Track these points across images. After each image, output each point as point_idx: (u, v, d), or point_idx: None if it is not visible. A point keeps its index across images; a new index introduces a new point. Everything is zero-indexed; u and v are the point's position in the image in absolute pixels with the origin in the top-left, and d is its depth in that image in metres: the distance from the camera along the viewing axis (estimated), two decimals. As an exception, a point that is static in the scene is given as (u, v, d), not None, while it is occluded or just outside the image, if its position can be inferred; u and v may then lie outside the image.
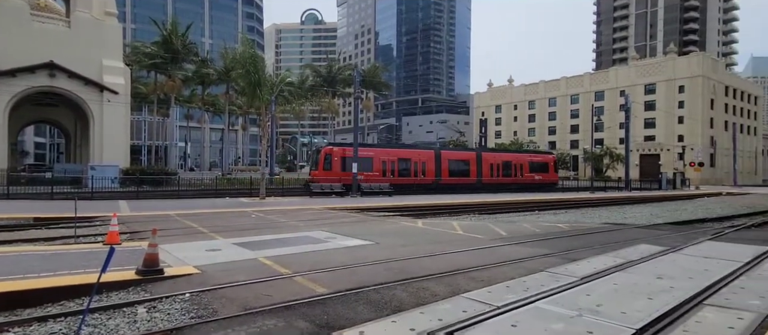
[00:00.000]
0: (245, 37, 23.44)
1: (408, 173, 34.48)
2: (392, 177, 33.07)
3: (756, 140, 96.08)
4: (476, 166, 38.85)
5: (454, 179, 36.66)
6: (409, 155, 36.11)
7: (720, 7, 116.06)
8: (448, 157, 37.88)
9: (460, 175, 37.59)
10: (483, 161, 39.30)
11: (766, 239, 12.53)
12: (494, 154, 43.69)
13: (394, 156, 34.66)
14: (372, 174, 32.01)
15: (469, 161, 39.04)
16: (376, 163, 32.80)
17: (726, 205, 29.33)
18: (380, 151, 35.07)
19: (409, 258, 8.70)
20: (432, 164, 36.07)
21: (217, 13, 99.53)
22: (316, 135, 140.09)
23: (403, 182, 33.07)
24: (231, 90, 50.01)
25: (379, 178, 32.17)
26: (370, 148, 35.79)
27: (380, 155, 33.67)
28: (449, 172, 36.84)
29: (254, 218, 15.29)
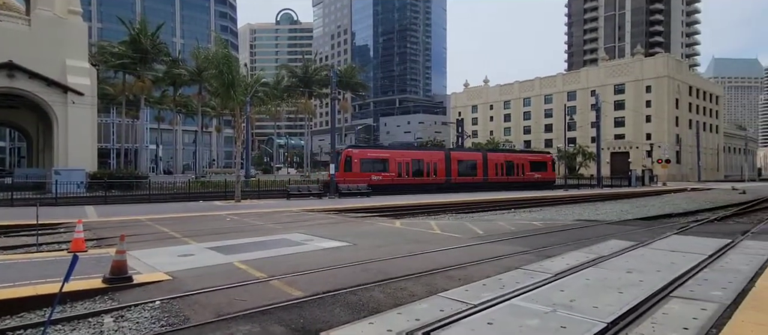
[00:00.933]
0: (218, 37, 23.00)
1: (421, 173, 36.15)
2: (407, 178, 34.76)
3: (717, 138, 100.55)
4: (482, 166, 40.70)
5: (462, 179, 38.37)
6: (422, 156, 37.75)
7: (683, 10, 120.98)
8: (457, 158, 39.52)
9: (468, 175, 39.26)
10: (489, 161, 41.26)
11: (727, 232, 13.09)
12: (499, 154, 45.45)
13: (409, 157, 36.24)
14: (388, 175, 33.80)
15: (476, 161, 40.89)
16: (392, 164, 34.58)
17: (690, 200, 30.55)
18: (395, 153, 36.64)
19: (387, 259, 8.68)
20: (443, 164, 37.69)
21: (189, 12, 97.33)
22: (292, 137, 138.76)
23: (417, 182, 34.86)
24: (204, 91, 48.90)
25: (395, 179, 33.95)
26: (385, 150, 38.31)
27: (395, 157, 35.31)
28: (458, 172, 38.50)
29: (229, 221, 14.98)
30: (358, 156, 33.31)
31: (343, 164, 32.11)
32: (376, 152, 36.41)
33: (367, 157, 33.82)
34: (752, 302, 5.43)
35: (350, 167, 32.29)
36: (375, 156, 35.06)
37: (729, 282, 6.58)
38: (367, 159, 33.45)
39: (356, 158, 32.96)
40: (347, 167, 32.17)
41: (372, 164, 33.95)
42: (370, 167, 33.42)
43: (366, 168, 32.72)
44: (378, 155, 35.18)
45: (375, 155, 35.25)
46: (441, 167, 37.49)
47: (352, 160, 32.66)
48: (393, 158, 35.14)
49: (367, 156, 33.94)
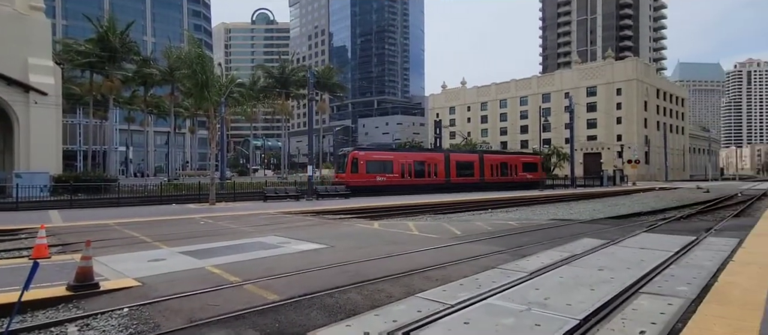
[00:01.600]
0: (191, 36, 22.36)
1: (422, 174, 37.62)
2: (409, 178, 36.13)
3: (683, 139, 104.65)
4: (479, 167, 42.36)
5: (460, 179, 39.86)
6: (423, 157, 39.55)
7: (650, 16, 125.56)
8: (455, 159, 41.16)
9: (466, 175, 40.78)
10: (485, 162, 43.02)
11: (692, 230, 13.60)
12: (494, 156, 47.49)
13: (411, 159, 37.88)
14: (392, 176, 35.25)
15: (474, 162, 42.54)
16: (396, 166, 35.99)
17: (659, 199, 31.67)
18: (399, 155, 38.50)
19: (365, 261, 8.64)
20: (442, 165, 39.26)
21: (161, 10, 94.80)
22: (269, 138, 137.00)
23: (418, 182, 36.11)
24: (177, 91, 47.63)
25: (399, 180, 35.27)
26: (390, 152, 40.07)
27: (399, 159, 36.89)
28: (457, 173, 40.04)
29: (203, 224, 14.62)
30: (364, 158, 34.46)
31: (350, 165, 33.21)
32: (381, 154, 37.88)
33: (373, 158, 35.24)
34: (715, 296, 5.65)
35: (357, 169, 33.35)
36: (380, 158, 36.42)
37: (694, 277, 6.82)
38: (373, 161, 34.91)
39: (362, 160, 33.99)
40: (354, 168, 33.24)
41: (377, 165, 35.24)
42: (376, 168, 34.83)
43: (371, 169, 34.11)
44: (383, 157, 36.70)
45: (380, 157, 36.56)
46: (441, 168, 38.89)
47: (359, 161, 33.70)
48: (396, 160, 36.53)
49: (373, 158, 35.42)
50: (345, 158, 34.57)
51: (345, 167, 33.79)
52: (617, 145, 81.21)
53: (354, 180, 32.42)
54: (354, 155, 34.17)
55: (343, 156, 35.43)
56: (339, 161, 36.83)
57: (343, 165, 34.62)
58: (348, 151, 36.55)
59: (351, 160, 33.55)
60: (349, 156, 34.08)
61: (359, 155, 34.60)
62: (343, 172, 33.82)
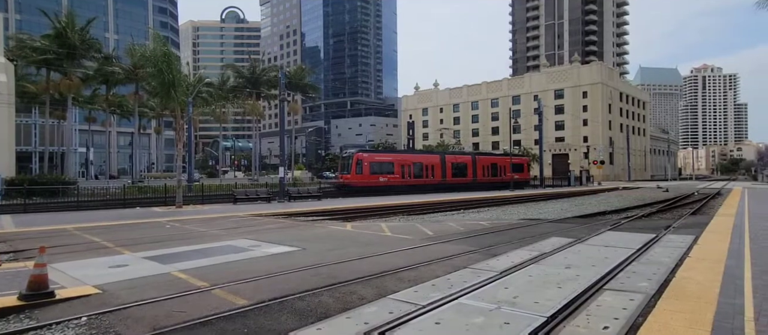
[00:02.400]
0: (157, 34, 21.53)
1: (421, 175, 39.47)
2: (409, 179, 37.96)
3: (645, 140, 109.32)
4: (472, 168, 44.53)
5: (455, 180, 41.90)
6: (421, 159, 41.60)
7: (613, 22, 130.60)
8: (451, 161, 43.15)
9: (460, 176, 42.89)
10: (477, 163, 45.29)
11: (653, 227, 14.20)
12: (485, 157, 49.59)
13: (410, 161, 39.83)
14: (394, 177, 36.92)
15: (467, 163, 44.60)
16: (397, 167, 37.76)
17: (622, 199, 32.93)
18: (399, 156, 40.73)
19: (337, 263, 8.57)
20: (439, 167, 41.14)
21: (124, 6, 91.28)
22: (240, 139, 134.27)
23: (417, 183, 37.91)
24: (142, 90, 45.85)
25: (400, 180, 37.03)
26: (391, 154, 42.68)
27: (399, 161, 38.85)
28: (452, 173, 42.07)
29: (169, 228, 14.13)
30: (368, 160, 36.13)
31: (355, 166, 34.62)
32: (383, 156, 40.22)
33: (375, 160, 37.28)
34: (673, 292, 5.90)
35: (361, 170, 34.85)
36: (382, 160, 38.43)
37: (653, 273, 7.11)
38: (375, 162, 36.87)
39: (366, 162, 35.62)
40: (359, 169, 34.74)
41: (379, 167, 36.99)
42: (378, 169, 36.59)
43: (374, 171, 35.83)
44: (384, 158, 38.98)
45: (382, 159, 38.65)
46: (437, 169, 40.76)
47: (363, 163, 35.23)
48: (397, 162, 38.42)
49: (375, 160, 37.42)
50: (349, 160, 35.49)
51: (349, 168, 34.87)
52: (584, 146, 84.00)
53: (358, 181, 33.93)
54: (358, 157, 35.42)
55: (348, 158, 36.40)
56: (343, 163, 37.91)
57: (347, 166, 35.63)
58: (352, 153, 37.53)
59: (355, 162, 34.75)
60: (354, 158, 35.19)
61: (363, 157, 36.08)
62: (348, 173, 34.92)
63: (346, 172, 35.33)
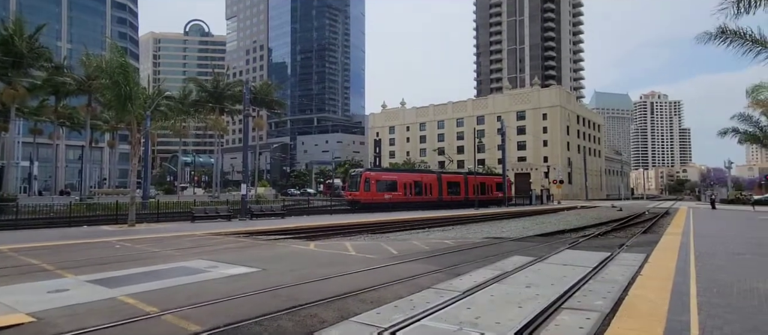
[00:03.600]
0: (114, 44, 20.63)
1: (421, 192, 41.80)
2: (411, 196, 40.28)
3: (600, 161, 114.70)
4: (464, 186, 47.65)
5: (450, 197, 44.53)
6: (421, 178, 44.15)
7: (570, 49, 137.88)
8: (446, 179, 45.88)
9: (454, 193, 45.70)
10: (468, 182, 48.31)
11: (608, 246, 14.75)
12: (475, 177, 51.69)
13: (411, 179, 42.34)
14: (397, 194, 39.34)
15: (460, 182, 47.84)
16: (400, 185, 40.27)
17: (580, 217, 34.16)
18: (401, 175, 43.43)
19: (299, 284, 8.31)
20: (436, 185, 43.42)
21: (79, 14, 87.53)
22: (201, 154, 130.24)
23: (417, 200, 40.16)
24: (95, 102, 43.56)
25: (403, 197, 39.49)
26: (395, 173, 45.53)
27: (402, 179, 41.52)
28: (447, 191, 44.74)
29: (118, 248, 13.30)
30: (375, 178, 38.79)
31: (363, 184, 37.03)
32: (388, 175, 42.90)
33: (382, 179, 39.86)
34: (626, 310, 6.08)
35: (369, 188, 37.28)
36: (387, 178, 41.07)
37: (608, 292, 7.33)
38: (382, 180, 39.43)
39: (373, 180, 38.18)
40: (367, 187, 37.12)
41: (385, 185, 39.33)
42: (384, 187, 38.93)
43: (380, 188, 38.25)
44: (389, 177, 41.68)
45: (387, 177, 41.21)
46: (435, 187, 43.20)
47: (371, 181, 37.80)
48: (400, 180, 40.96)
49: (382, 178, 40.09)
50: (357, 178, 38.17)
51: (357, 186, 37.26)
52: (544, 166, 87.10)
53: (366, 197, 36.24)
54: (366, 176, 38.17)
55: (356, 176, 39.05)
56: (351, 181, 40.33)
57: (355, 184, 38.01)
58: (360, 171, 40.23)
59: (364, 180, 37.36)
60: (362, 176, 37.97)
61: (371, 175, 38.94)
62: (356, 190, 37.32)
63: (355, 189, 37.51)
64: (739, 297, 6.92)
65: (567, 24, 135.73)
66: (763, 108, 24.83)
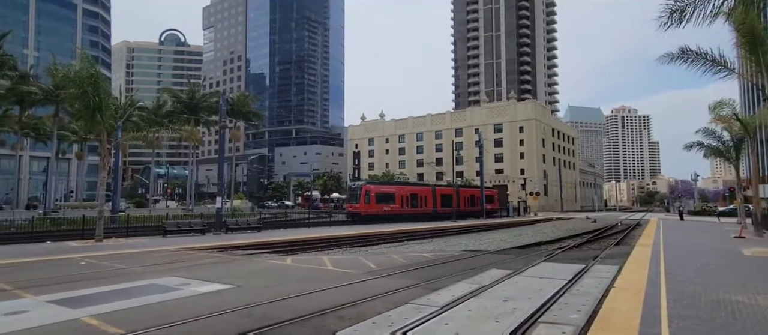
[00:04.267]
0: (84, 53, 19.98)
1: (417, 204, 42.90)
2: (408, 208, 41.31)
3: (575, 174, 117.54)
4: (456, 198, 48.44)
5: (444, 209, 45.32)
6: (417, 190, 45.45)
7: (545, 64, 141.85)
8: (440, 192, 47.08)
9: (447, 205, 46.29)
10: (460, 194, 49.47)
11: (582, 258, 15.02)
12: (465, 189, 54.47)
13: (408, 192, 43.40)
14: (395, 206, 40.35)
15: (452, 195, 48.61)
16: (398, 198, 41.20)
17: (556, 229, 34.76)
18: (399, 187, 44.27)
19: (274, 301, 8.10)
20: (430, 197, 44.51)
21: (48, 22, 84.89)
22: (175, 166, 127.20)
23: (414, 212, 41.24)
24: (63, 113, 41.95)
25: (400, 209, 40.42)
26: (392, 186, 45.94)
27: (399, 192, 42.39)
28: (441, 203, 45.62)
29: (84, 265, 12.70)
30: (374, 191, 39.74)
31: (364, 197, 38.21)
32: (387, 188, 43.57)
33: (381, 191, 40.78)
34: (600, 323, 6.16)
35: (369, 200, 38.35)
36: (386, 191, 41.86)
37: (583, 305, 7.42)
38: (381, 193, 40.31)
39: (373, 193, 39.21)
40: (367, 199, 38.24)
41: (384, 197, 40.25)
42: (383, 199, 39.87)
43: (380, 201, 39.19)
44: (388, 190, 42.38)
45: (386, 190, 42.07)
46: (430, 199, 44.28)
47: (371, 194, 38.88)
48: (398, 193, 41.90)
49: (381, 191, 40.93)
50: (358, 191, 39.35)
51: (358, 198, 38.48)
52: (521, 178, 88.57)
53: (366, 210, 37.36)
54: (367, 189, 39.30)
55: (356, 189, 40.34)
56: (351, 193, 41.90)
57: (356, 197, 39.27)
58: (360, 184, 41.41)
59: (364, 193, 38.51)
60: (363, 189, 39.12)
61: (371, 188, 39.93)
62: (356, 203, 38.51)
63: (356, 202, 38.69)
64: (707, 308, 7.11)
65: (541, 40, 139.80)
66: (724, 123, 25.99)
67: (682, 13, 10.09)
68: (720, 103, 24.55)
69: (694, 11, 9.92)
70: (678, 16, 10.08)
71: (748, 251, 15.52)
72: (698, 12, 9.86)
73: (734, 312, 6.87)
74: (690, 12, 9.97)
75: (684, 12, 10.07)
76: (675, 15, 10.16)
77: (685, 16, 10.04)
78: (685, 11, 10.06)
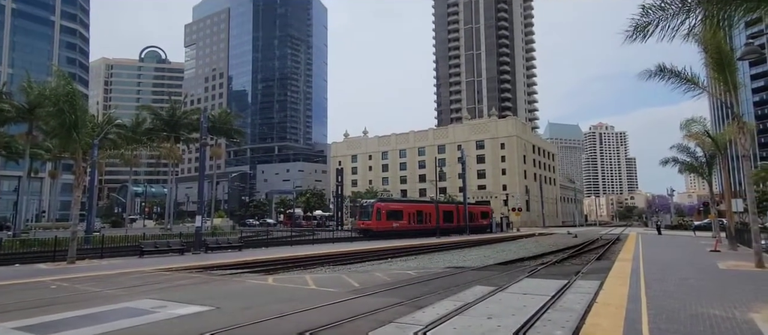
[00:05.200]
0: (59, 70, 19.49)
1: (421, 221, 45.13)
2: (414, 224, 43.66)
3: (555, 189, 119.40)
4: (456, 215, 51.24)
5: (446, 225, 47.71)
6: (422, 208, 47.81)
7: (524, 82, 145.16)
8: (442, 209, 49.13)
9: (449, 221, 49.13)
10: (459, 211, 52.03)
11: (565, 273, 15.13)
12: (464, 206, 55.83)
13: (414, 209, 45.88)
14: (403, 223, 42.59)
15: (453, 211, 51.63)
16: (405, 214, 43.58)
17: (538, 244, 35.05)
18: (406, 205, 47.40)
19: (254, 323, 7.87)
20: (434, 214, 46.16)
21: (23, 39, 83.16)
22: (154, 184, 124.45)
23: (420, 228, 43.46)
24: (37, 130, 40.63)
25: (407, 226, 42.78)
26: (400, 203, 49.73)
27: (407, 209, 45.09)
28: (444, 219, 47.82)
29: (54, 289, 12.16)
30: (385, 208, 42.16)
31: (375, 214, 40.42)
32: (395, 205, 46.27)
33: (391, 209, 43.22)
34: (585, 339, 6.16)
35: (380, 217, 40.49)
36: (395, 208, 44.26)
37: (566, 321, 7.43)
38: (390, 210, 42.60)
39: (384, 210, 41.56)
40: (378, 216, 40.43)
41: (393, 214, 42.47)
42: (393, 216, 42.07)
43: (389, 217, 41.36)
44: (397, 207, 44.91)
45: (395, 207, 44.55)
46: (433, 216, 46.04)
47: (382, 211, 41.16)
48: (405, 210, 44.38)
49: (391, 208, 43.32)
50: (370, 208, 41.34)
51: (370, 215, 40.48)
52: (503, 194, 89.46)
53: (377, 226, 39.44)
54: (378, 206, 41.57)
55: (368, 206, 42.34)
56: (362, 211, 43.72)
57: (367, 214, 41.17)
58: (372, 202, 43.65)
59: (376, 210, 40.66)
60: (375, 206, 41.34)
61: (382, 205, 42.30)
62: (368, 219, 40.43)
63: (368, 218, 40.66)
64: (686, 322, 7.19)
65: (521, 58, 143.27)
66: (697, 140, 26.83)
67: (645, 28, 11.04)
68: (691, 120, 25.38)
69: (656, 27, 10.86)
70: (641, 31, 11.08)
71: (723, 264, 15.89)
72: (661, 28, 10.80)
73: (713, 325, 6.97)
74: (652, 28, 10.91)
75: (647, 28, 11.01)
76: (638, 30, 11.12)
77: (647, 31, 11.01)
78: (648, 27, 10.99)
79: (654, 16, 10.87)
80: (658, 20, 10.86)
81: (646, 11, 10.97)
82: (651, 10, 10.89)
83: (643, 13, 11.05)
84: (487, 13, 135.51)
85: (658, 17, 10.85)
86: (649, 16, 10.92)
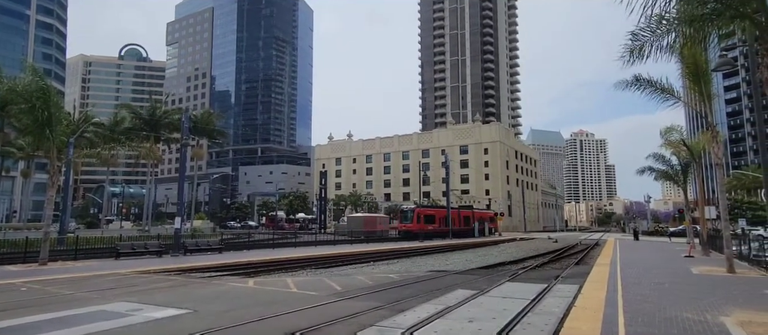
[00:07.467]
0: (32, 66, 18.86)
1: (446, 223, 49.50)
2: (442, 226, 48.98)
3: (537, 195, 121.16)
4: (471, 218, 57.35)
5: (463, 227, 53.95)
6: (444, 213, 51.59)
7: (508, 88, 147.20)
8: (462, 214, 56.33)
9: (465, 224, 55.23)
10: (474, 216, 58.59)
11: (545, 277, 15.33)
12: (478, 212, 62.75)
13: (443, 213, 51.09)
14: (435, 225, 48.83)
15: (469, 216, 57.97)
16: (436, 219, 49.95)
17: (520, 249, 35.44)
18: (437, 210, 53.68)
19: (232, 326, 7.72)
20: (456, 218, 52.51)
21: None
22: (132, 184, 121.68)
23: (445, 229, 48.07)
24: (8, 128, 39.23)
25: (437, 227, 48.60)
26: (433, 209, 56.37)
27: (438, 214, 51.33)
28: (459, 222, 53.94)
29: (25, 291, 11.73)
30: (423, 213, 49.34)
31: (415, 218, 47.43)
32: (430, 211, 52.92)
33: (427, 213, 50.28)
34: (564, 342, 6.23)
35: (420, 221, 47.22)
36: (430, 213, 51.08)
37: (545, 324, 7.52)
38: (426, 215, 49.63)
39: (422, 215, 48.62)
40: (418, 220, 47.18)
41: (428, 218, 49.13)
42: (428, 220, 48.61)
43: (426, 221, 48.19)
44: (431, 212, 51.80)
45: (430, 212, 51.39)
46: (456, 219, 52.35)
47: (421, 216, 48.18)
48: (437, 215, 50.62)
49: (427, 213, 50.49)
50: (410, 213, 48.78)
51: (411, 219, 47.66)
52: (486, 199, 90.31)
53: (417, 228, 45.78)
54: (418, 212, 48.80)
55: (408, 212, 49.68)
56: (403, 215, 50.49)
57: (408, 218, 48.29)
58: (412, 208, 51.24)
59: (416, 215, 47.93)
60: (415, 212, 48.65)
61: (421, 211, 49.73)
62: (410, 222, 47.47)
63: (409, 222, 47.69)
64: (661, 325, 7.35)
65: (505, 65, 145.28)
66: (674, 148, 27.61)
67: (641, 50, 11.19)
68: (670, 128, 26.15)
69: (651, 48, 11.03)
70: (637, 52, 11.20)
71: (696, 269, 16.34)
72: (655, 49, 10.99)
73: (686, 328, 7.14)
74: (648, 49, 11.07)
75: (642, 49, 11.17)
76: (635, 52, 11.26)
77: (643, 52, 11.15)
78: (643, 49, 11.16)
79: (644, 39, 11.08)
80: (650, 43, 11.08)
81: (636, 36, 11.17)
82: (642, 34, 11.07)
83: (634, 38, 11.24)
84: (472, 19, 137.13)
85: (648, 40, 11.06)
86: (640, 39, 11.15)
